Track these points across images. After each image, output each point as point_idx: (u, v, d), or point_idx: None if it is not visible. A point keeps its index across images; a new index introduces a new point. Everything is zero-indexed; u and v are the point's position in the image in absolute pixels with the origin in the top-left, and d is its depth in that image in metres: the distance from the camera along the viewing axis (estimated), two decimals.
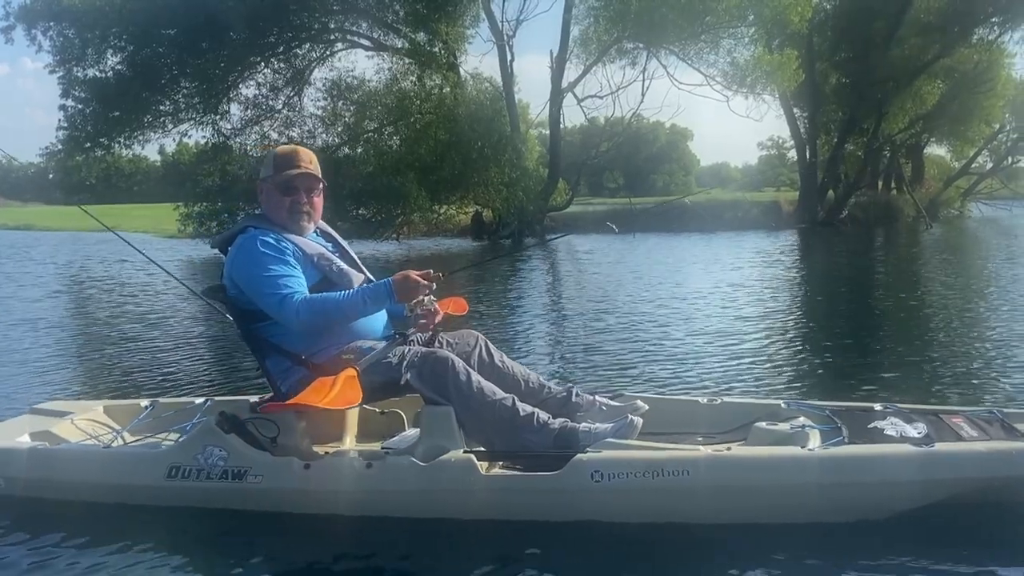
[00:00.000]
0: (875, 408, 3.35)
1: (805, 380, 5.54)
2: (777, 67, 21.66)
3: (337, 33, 24.14)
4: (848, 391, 4.90)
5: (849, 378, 5.47)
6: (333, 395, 2.77)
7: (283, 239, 3.21)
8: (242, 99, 23.55)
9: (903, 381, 5.26)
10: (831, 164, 30.02)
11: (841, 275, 13.98)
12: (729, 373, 5.68)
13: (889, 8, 26.24)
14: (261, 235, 3.18)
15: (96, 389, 5.56)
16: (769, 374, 5.70)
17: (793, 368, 5.96)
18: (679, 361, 6.09)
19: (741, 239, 21.24)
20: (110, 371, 6.24)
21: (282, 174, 3.26)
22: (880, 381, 5.29)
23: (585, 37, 23.94)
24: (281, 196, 3.26)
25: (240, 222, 3.42)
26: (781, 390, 5.13)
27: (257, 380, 5.45)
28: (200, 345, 7.40)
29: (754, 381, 5.44)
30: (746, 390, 5.14)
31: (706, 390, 5.07)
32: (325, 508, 3.09)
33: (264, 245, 3.15)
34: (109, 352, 7.06)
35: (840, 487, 2.85)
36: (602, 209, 32.48)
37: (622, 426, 3.09)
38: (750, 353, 6.42)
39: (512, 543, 2.89)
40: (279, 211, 3.28)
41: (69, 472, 3.31)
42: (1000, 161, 35.16)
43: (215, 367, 6.36)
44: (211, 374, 6.07)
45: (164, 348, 7.17)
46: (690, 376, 5.62)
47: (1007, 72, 31.08)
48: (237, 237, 3.25)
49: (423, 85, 23.46)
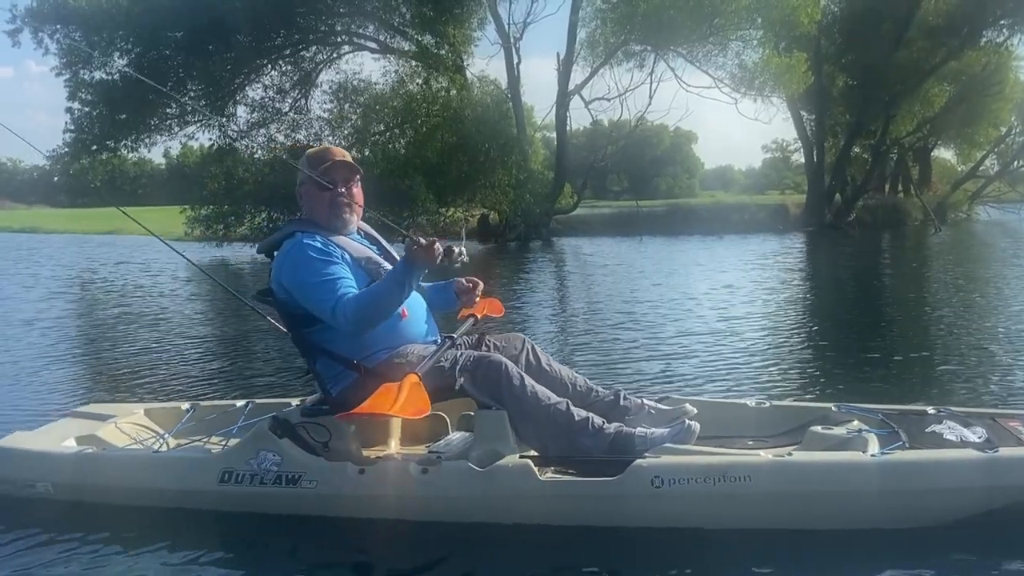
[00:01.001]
0: (928, 412, 3.31)
1: (828, 380, 5.48)
2: (786, 69, 21.55)
3: (344, 36, 24.09)
4: (878, 392, 4.83)
5: (875, 380, 5.42)
6: (401, 403, 2.72)
7: (330, 243, 3.17)
8: (248, 101, 23.55)
9: (936, 383, 5.28)
10: (838, 167, 29.93)
11: (856, 278, 13.90)
12: (753, 374, 5.68)
13: (897, 10, 26.12)
14: (308, 239, 3.15)
15: (132, 392, 5.57)
16: (800, 375, 5.71)
17: (817, 369, 5.94)
18: (704, 362, 6.10)
19: (749, 242, 21.15)
20: (144, 374, 6.24)
21: (320, 169, 3.23)
22: (908, 383, 5.29)
23: (592, 39, 23.85)
24: (320, 192, 3.23)
25: (285, 226, 3.38)
26: (807, 391, 5.10)
27: (293, 381, 5.57)
28: (232, 347, 7.47)
29: (786, 382, 5.47)
30: (780, 392, 5.12)
31: (732, 391, 5.07)
32: (379, 513, 3.07)
33: (312, 250, 3.11)
34: (142, 355, 7.08)
35: (903, 494, 2.80)
36: (608, 212, 32.42)
37: (680, 431, 3.05)
38: (774, 354, 6.43)
39: (569, 548, 2.87)
40: (320, 208, 3.25)
41: (119, 477, 3.29)
42: (1008, 164, 34.98)
43: (248, 369, 6.38)
44: (245, 376, 6.08)
45: (196, 350, 7.25)
46: (709, 376, 5.61)
47: (1015, 75, 31.03)
48: (284, 242, 3.22)
49: (430, 88, 23.42)
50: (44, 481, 3.35)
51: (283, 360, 6.41)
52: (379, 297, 3.04)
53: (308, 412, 3.29)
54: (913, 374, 5.71)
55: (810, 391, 5.12)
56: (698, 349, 6.65)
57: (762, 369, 5.89)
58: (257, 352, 7.02)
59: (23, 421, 4.56)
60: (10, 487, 3.39)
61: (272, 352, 6.84)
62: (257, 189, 21.88)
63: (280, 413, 3.35)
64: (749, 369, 5.87)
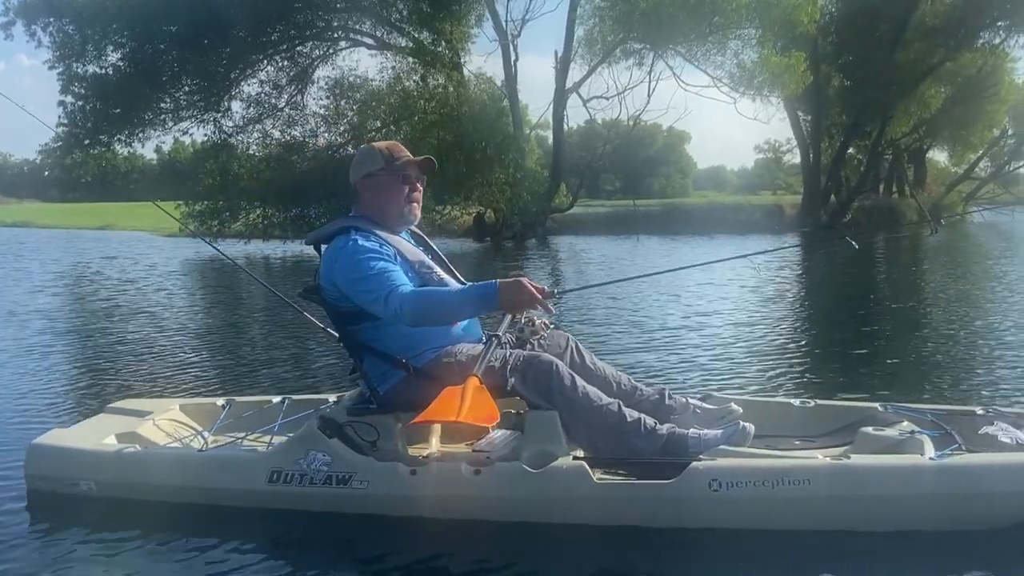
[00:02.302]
0: (977, 412, 3.30)
1: (834, 378, 5.59)
2: (785, 69, 21.50)
3: (340, 31, 23.93)
4: (905, 390, 4.85)
5: (874, 378, 5.48)
6: (467, 408, 2.68)
7: (385, 243, 3.11)
8: (244, 97, 23.35)
9: (941, 382, 5.33)
10: (834, 167, 29.94)
11: (856, 279, 13.83)
12: (763, 372, 5.70)
13: (894, 11, 26.12)
14: (363, 238, 3.10)
15: (163, 387, 5.53)
16: (811, 374, 5.70)
17: (833, 367, 5.98)
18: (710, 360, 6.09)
19: (746, 242, 21.10)
20: (174, 369, 6.20)
21: (398, 163, 3.19)
22: (910, 382, 5.32)
23: (590, 37, 23.78)
24: (399, 185, 3.19)
25: (338, 221, 3.28)
26: (817, 389, 5.10)
27: (324, 377, 5.64)
28: (261, 343, 7.50)
29: (797, 379, 5.46)
30: (791, 389, 5.12)
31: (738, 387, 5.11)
32: (431, 514, 3.05)
33: (367, 247, 3.07)
34: (171, 350, 7.05)
35: (961, 497, 2.77)
36: (603, 211, 32.37)
37: (735, 432, 3.01)
38: (784, 351, 6.47)
39: (623, 550, 2.83)
40: (395, 201, 3.20)
41: (164, 475, 3.26)
42: (1002, 167, 35.07)
43: (277, 364, 6.36)
44: (275, 371, 6.06)
45: (225, 346, 7.33)
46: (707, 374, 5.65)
47: (1010, 77, 31.11)
48: (336, 238, 3.16)
49: (427, 84, 23.29)
50: (87, 479, 3.31)
51: (313, 356, 6.46)
52: (445, 302, 3.02)
53: (354, 411, 3.23)
54: (952, 373, 5.69)
55: (851, 390, 5.02)
56: (702, 346, 6.66)
57: (790, 368, 5.88)
58: (287, 347, 7.05)
59: (58, 418, 4.59)
60: (53, 485, 3.36)
61: (302, 348, 6.89)
62: (252, 185, 21.76)
63: (326, 412, 3.31)
64: (766, 367, 5.87)
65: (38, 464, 3.42)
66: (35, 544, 3.01)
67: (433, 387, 2.98)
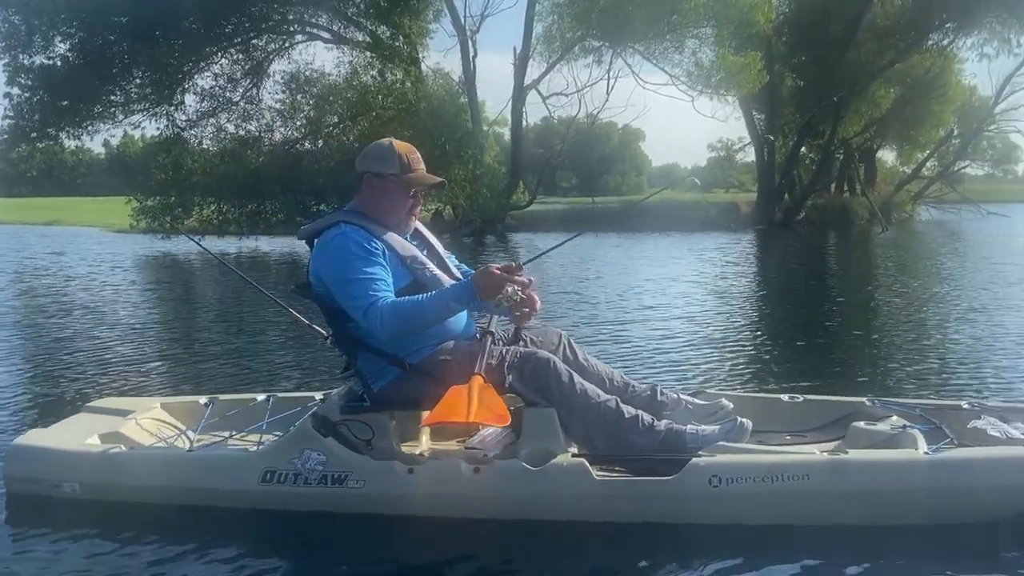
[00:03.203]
0: (963, 406, 3.35)
1: (781, 369, 5.73)
2: (741, 68, 21.72)
3: (296, 25, 23.56)
4: (832, 384, 5.04)
5: (830, 370, 5.68)
6: (476, 408, 2.66)
7: (375, 239, 3.04)
8: (198, 90, 22.86)
9: (894, 375, 5.50)
10: (788, 166, 30.36)
11: (812, 276, 14.11)
12: (725, 365, 5.84)
13: (847, 12, 26.57)
14: (353, 233, 3.03)
15: (141, 385, 5.40)
16: (768, 367, 5.84)
17: (785, 360, 6.14)
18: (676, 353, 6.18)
19: (704, 239, 21.31)
20: (152, 367, 6.10)
21: (412, 176, 3.14)
22: (862, 374, 5.52)
23: (549, 34, 23.79)
24: (406, 197, 3.16)
25: (330, 216, 3.20)
26: (772, 380, 5.27)
27: (305, 373, 5.57)
28: (240, 339, 7.35)
29: (746, 373, 5.61)
30: (743, 382, 5.26)
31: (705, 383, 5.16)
32: (429, 513, 3.00)
33: (355, 245, 3.00)
34: (147, 348, 6.92)
35: (956, 491, 2.81)
36: (562, 208, 32.45)
37: (732, 428, 3.04)
38: (745, 346, 6.58)
39: (623, 547, 2.82)
40: (398, 211, 3.16)
41: (151, 476, 3.17)
42: (949, 166, 35.86)
43: (260, 361, 6.26)
44: (255, 368, 5.97)
45: (203, 343, 7.20)
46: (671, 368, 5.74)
47: (957, 78, 31.82)
48: (325, 231, 3.09)
49: (384, 80, 23.07)
50: (71, 481, 3.21)
51: (296, 353, 6.39)
52: (424, 311, 2.97)
53: (347, 409, 3.16)
54: (929, 368, 5.79)
55: (779, 382, 5.20)
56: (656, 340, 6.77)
57: (742, 361, 5.99)
58: (267, 344, 6.99)
59: (36, 418, 4.44)
60: (35, 487, 3.25)
61: (283, 344, 6.83)
62: (206, 180, 21.36)
63: (320, 410, 3.24)
64: (728, 361, 5.99)
65: (19, 466, 3.31)
66: (17, 548, 2.91)
67: (429, 385, 2.97)
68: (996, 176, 51.29)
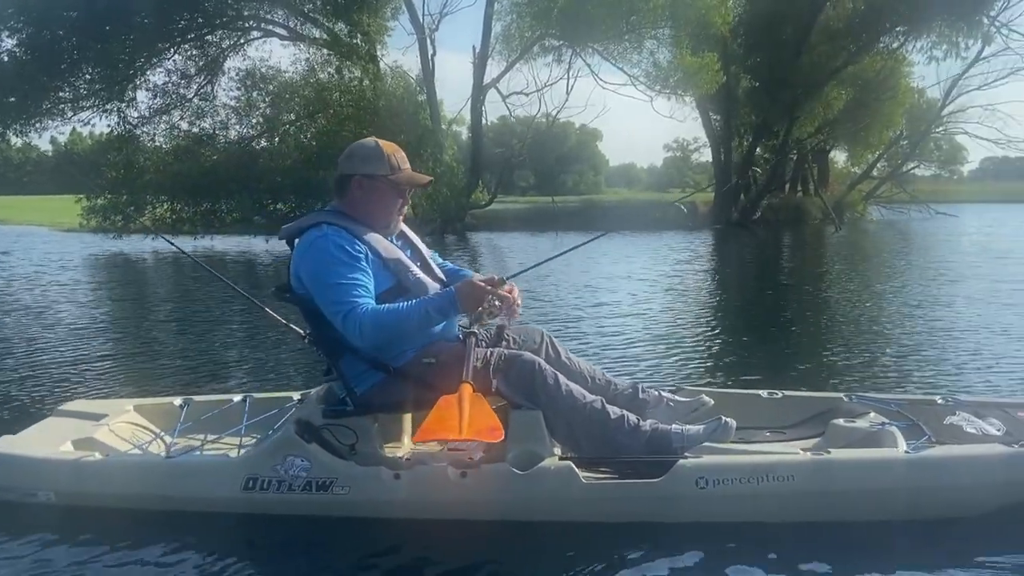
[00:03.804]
0: (938, 402, 3.43)
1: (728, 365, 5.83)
2: (699, 69, 21.90)
3: (252, 21, 23.22)
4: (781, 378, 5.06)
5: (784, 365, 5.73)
6: (468, 423, 2.61)
7: (357, 241, 2.97)
8: (150, 86, 22.41)
9: (859, 370, 5.59)
10: (744, 166, 30.71)
11: (769, 273, 14.32)
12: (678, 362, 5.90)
13: (800, 15, 26.95)
14: (335, 235, 2.95)
15: (110, 387, 5.25)
16: (719, 362, 5.96)
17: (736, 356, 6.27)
18: None
19: (664, 238, 21.44)
20: (120, 368, 5.94)
21: (401, 177, 3.08)
22: (820, 369, 5.64)
23: (508, 33, 23.80)
24: (395, 198, 3.12)
25: (313, 216, 3.13)
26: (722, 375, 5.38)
27: (284, 372, 5.47)
28: (210, 339, 7.20)
29: (705, 368, 5.72)
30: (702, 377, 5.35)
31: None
32: (416, 519, 2.95)
33: (336, 248, 2.92)
34: (112, 348, 6.76)
35: (936, 489, 2.85)
36: (522, 207, 32.46)
37: (717, 428, 3.04)
38: (698, 343, 6.71)
39: (613, 550, 2.80)
40: (386, 212, 3.11)
41: (131, 483, 3.08)
42: (898, 167, 36.57)
43: (232, 360, 6.15)
44: (229, 368, 5.87)
45: (172, 343, 7.03)
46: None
47: (907, 81, 32.47)
48: (307, 232, 3.01)
49: (342, 77, 22.83)
50: (45, 489, 3.11)
51: (268, 352, 6.28)
52: (403, 321, 2.91)
53: (330, 413, 3.09)
54: (892, 362, 5.91)
55: (743, 378, 5.25)
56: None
57: (698, 357, 6.08)
58: (237, 343, 6.88)
59: (1, 425, 4.21)
60: (8, 495, 3.13)
61: (254, 343, 6.70)
62: (159, 178, 20.93)
63: (302, 415, 3.15)
64: (686, 358, 6.05)
65: None
66: None
67: (413, 388, 2.94)
68: (943, 177, 52.51)
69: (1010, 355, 5.95)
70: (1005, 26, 27.02)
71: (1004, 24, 27.00)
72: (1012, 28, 27.12)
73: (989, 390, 4.82)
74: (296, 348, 5.89)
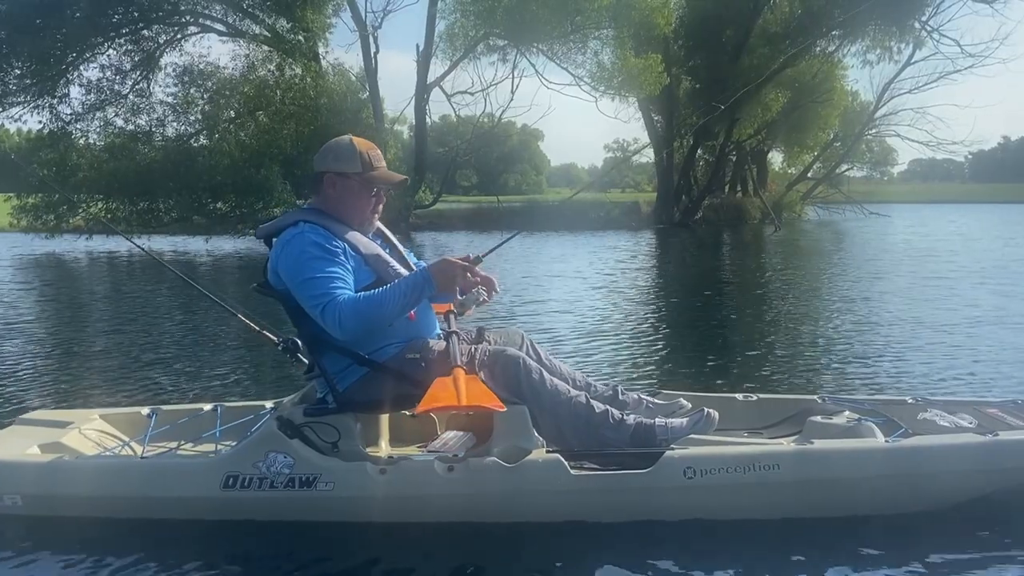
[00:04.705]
0: (908, 401, 3.50)
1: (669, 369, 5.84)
2: (643, 70, 22.10)
3: (189, 16, 22.66)
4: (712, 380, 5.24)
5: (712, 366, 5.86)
6: (466, 393, 2.62)
7: (335, 238, 2.94)
8: (83, 82, 21.69)
9: (775, 370, 5.69)
10: (686, 167, 31.11)
11: (712, 273, 14.50)
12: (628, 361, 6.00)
13: (740, 17, 27.42)
14: (312, 233, 2.92)
15: (72, 396, 5.05)
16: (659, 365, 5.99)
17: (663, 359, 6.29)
18: None
19: (608, 238, 21.64)
20: (80, 377, 5.71)
21: (375, 175, 3.05)
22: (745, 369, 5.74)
23: (451, 32, 23.66)
24: (369, 197, 3.08)
25: (289, 215, 3.09)
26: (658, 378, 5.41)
27: (254, 381, 5.34)
28: (171, 347, 6.89)
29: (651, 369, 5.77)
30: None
31: None
32: (403, 514, 2.91)
33: (314, 245, 2.89)
34: (70, 357, 6.51)
35: (917, 477, 2.90)
36: (466, 207, 32.36)
37: (700, 419, 3.08)
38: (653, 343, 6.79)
39: (601, 541, 2.80)
40: (360, 210, 3.07)
41: (103, 486, 2.97)
42: (833, 168, 37.45)
43: (198, 369, 5.92)
44: (197, 376, 5.64)
45: (133, 351, 6.71)
46: None
47: (842, 84, 33.30)
48: (285, 230, 2.97)
49: (283, 74, 22.43)
50: (11, 494, 2.98)
51: (234, 359, 6.15)
52: (381, 304, 2.86)
53: (311, 411, 3.02)
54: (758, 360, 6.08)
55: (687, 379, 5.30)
56: None
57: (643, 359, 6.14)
58: (200, 350, 6.67)
59: None
60: None
61: (218, 352, 6.51)
62: (94, 176, 20.30)
63: (284, 412, 3.06)
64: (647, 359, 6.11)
65: None
66: None
67: (397, 384, 2.91)
68: (874, 178, 54.01)
69: (965, 355, 6.07)
70: (936, 30, 27.98)
71: (935, 29, 27.96)
72: (943, 33, 28.10)
73: (954, 389, 4.91)
74: (266, 355, 5.76)
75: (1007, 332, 6.99)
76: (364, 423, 3.11)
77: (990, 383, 5.10)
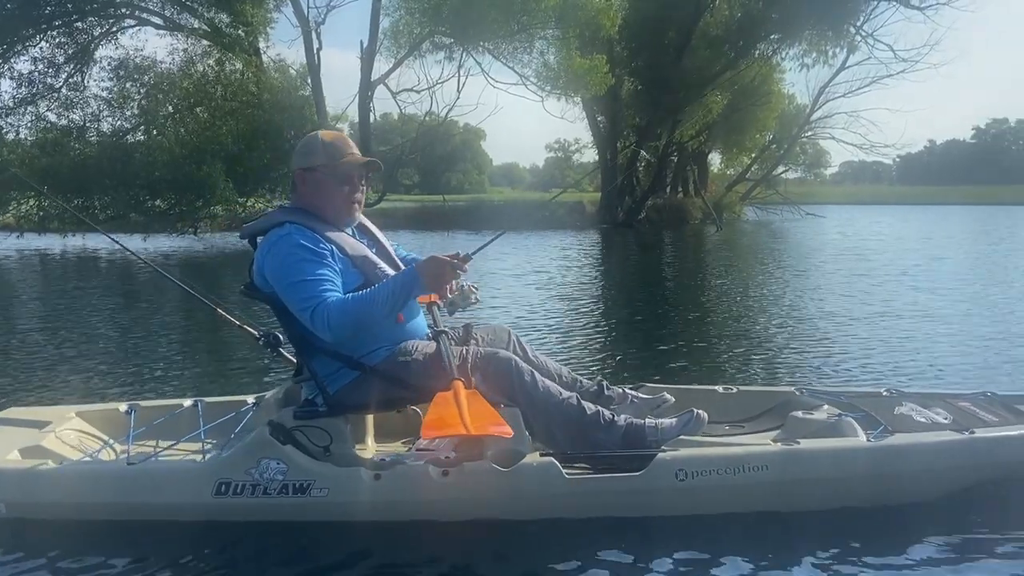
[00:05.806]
0: (883, 393, 3.60)
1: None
2: (588, 70, 22.21)
3: (125, 8, 22.04)
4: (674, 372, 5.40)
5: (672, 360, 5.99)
6: (471, 418, 2.56)
7: (322, 239, 2.86)
8: (14, 75, 20.91)
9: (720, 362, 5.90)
10: (629, 167, 31.38)
11: (658, 272, 14.74)
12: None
13: (681, 20, 27.75)
14: (298, 234, 2.84)
15: (43, 393, 4.89)
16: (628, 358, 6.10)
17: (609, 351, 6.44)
18: None
19: (554, 237, 21.67)
20: (51, 373, 5.54)
21: (342, 162, 2.96)
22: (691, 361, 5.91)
23: (396, 29, 23.44)
24: (339, 186, 3.01)
25: (274, 214, 3.01)
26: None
27: (227, 373, 5.25)
28: (143, 341, 6.77)
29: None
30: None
31: None
32: (397, 519, 2.89)
33: (300, 247, 2.81)
34: (38, 353, 6.29)
35: (900, 475, 3.01)
36: (411, 206, 32.16)
37: (689, 420, 3.10)
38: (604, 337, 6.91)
39: (595, 543, 2.81)
40: (333, 202, 2.98)
41: (91, 493, 2.90)
42: (771, 170, 38.23)
43: (172, 364, 5.80)
44: (170, 370, 5.53)
45: (104, 346, 6.60)
46: None
47: (779, 87, 34.04)
48: (270, 231, 2.90)
49: (223, 69, 21.96)
50: None
51: (206, 352, 6.07)
52: (371, 304, 2.80)
53: (301, 415, 2.95)
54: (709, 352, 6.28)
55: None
56: None
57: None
58: (170, 344, 6.57)
59: None
60: None
61: (190, 345, 6.45)
62: (26, 173, 19.56)
63: (273, 416, 3.00)
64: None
65: None
66: None
67: (389, 387, 2.87)
68: (808, 179, 55.33)
69: (900, 344, 6.42)
70: (870, 35, 28.77)
71: (869, 34, 28.74)
72: (877, 38, 28.94)
73: (903, 376, 5.19)
74: (240, 347, 5.67)
75: (929, 324, 7.47)
76: (352, 423, 3.07)
77: (921, 372, 5.50)
